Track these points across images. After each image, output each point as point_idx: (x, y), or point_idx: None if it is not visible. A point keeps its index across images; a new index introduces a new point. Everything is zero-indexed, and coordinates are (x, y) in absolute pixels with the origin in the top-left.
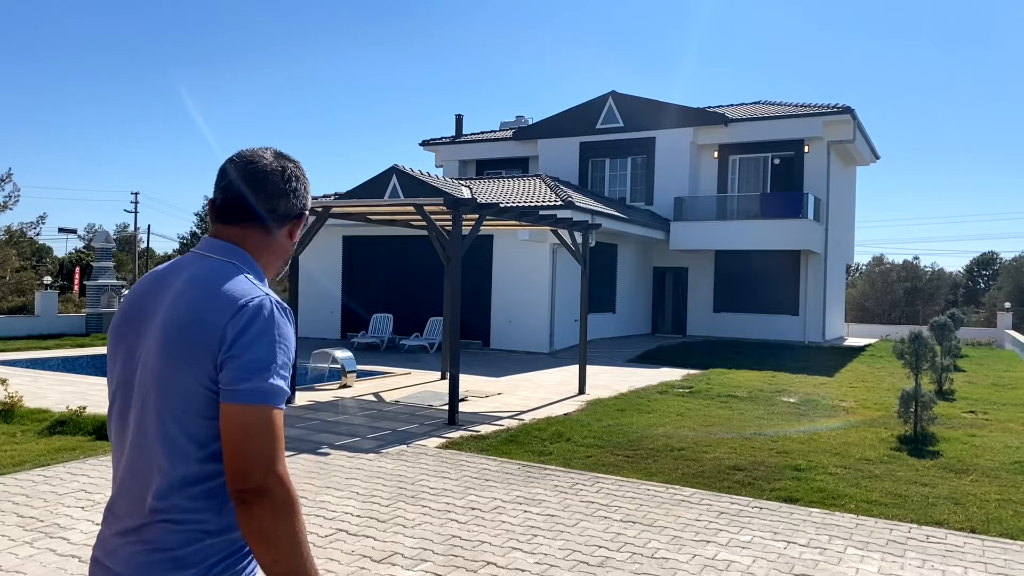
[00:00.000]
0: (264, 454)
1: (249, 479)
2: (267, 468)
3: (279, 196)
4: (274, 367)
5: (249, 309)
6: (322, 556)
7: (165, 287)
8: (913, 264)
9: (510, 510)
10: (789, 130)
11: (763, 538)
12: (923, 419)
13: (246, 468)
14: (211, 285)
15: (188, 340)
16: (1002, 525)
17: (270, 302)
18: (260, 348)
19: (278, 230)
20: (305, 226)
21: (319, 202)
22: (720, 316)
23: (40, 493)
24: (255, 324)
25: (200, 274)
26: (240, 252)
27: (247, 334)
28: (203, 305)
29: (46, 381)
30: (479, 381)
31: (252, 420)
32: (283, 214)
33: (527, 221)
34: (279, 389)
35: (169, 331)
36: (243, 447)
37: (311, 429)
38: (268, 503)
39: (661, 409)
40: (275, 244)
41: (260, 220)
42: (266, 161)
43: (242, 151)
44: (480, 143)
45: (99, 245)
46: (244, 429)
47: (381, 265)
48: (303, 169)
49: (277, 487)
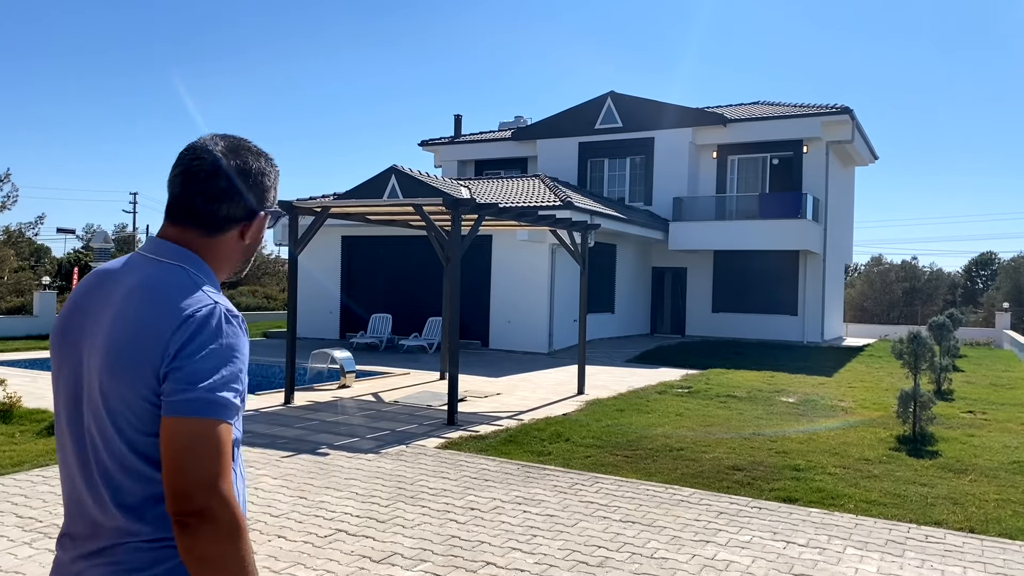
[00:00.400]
0: (206, 472)
1: (190, 500)
2: (210, 488)
3: (222, 198)
4: (219, 379)
5: (196, 319)
6: (321, 556)
7: (111, 292)
8: (912, 264)
9: (509, 510)
10: (788, 130)
11: (762, 538)
12: (922, 419)
13: (186, 487)
14: (159, 293)
15: (133, 353)
16: (1001, 525)
17: (219, 311)
18: (205, 359)
19: (222, 233)
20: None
21: (318, 202)
22: (719, 316)
23: (39, 493)
24: (201, 334)
25: (148, 280)
26: (189, 255)
27: (191, 345)
28: (150, 315)
29: (45, 381)
30: (478, 381)
31: (192, 434)
32: (227, 217)
33: (526, 221)
34: (225, 402)
35: (116, 344)
36: (183, 464)
37: (310, 429)
38: (211, 527)
39: (660, 409)
40: (222, 246)
41: (200, 222)
42: (211, 158)
43: (195, 142)
44: (479, 143)
45: (98, 245)
46: (184, 444)
47: (380, 265)
48: (265, 161)
49: (221, 509)
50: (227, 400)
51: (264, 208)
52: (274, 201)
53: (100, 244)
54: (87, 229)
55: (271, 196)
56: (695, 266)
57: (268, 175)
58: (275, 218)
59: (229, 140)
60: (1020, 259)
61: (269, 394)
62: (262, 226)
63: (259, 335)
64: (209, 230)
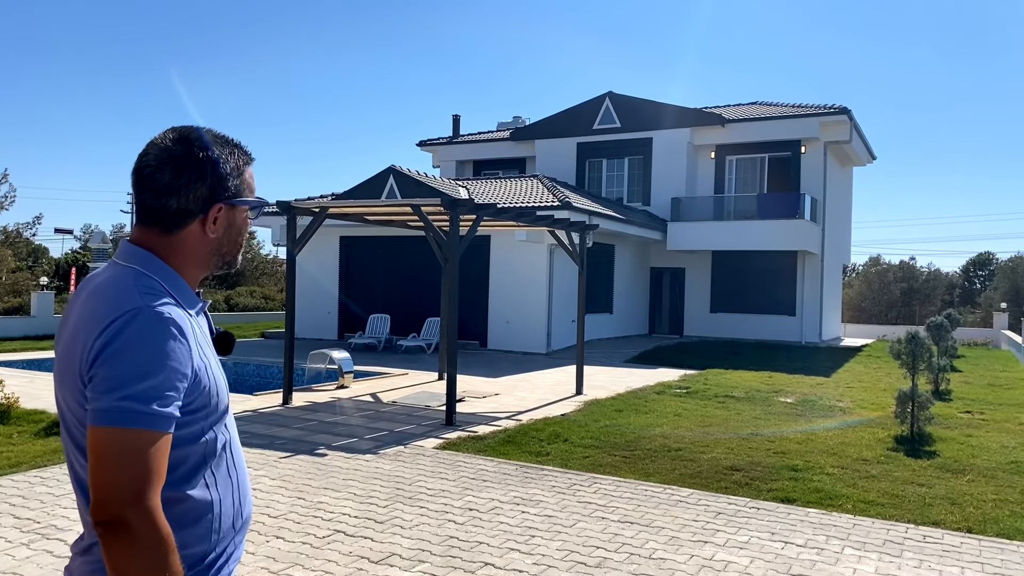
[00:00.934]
0: (122, 483)
1: (104, 510)
2: (125, 499)
3: (168, 192)
4: (141, 384)
5: (117, 323)
6: (320, 557)
7: (78, 299)
8: (910, 264)
9: (508, 511)
10: (786, 130)
11: (760, 538)
12: (920, 419)
13: (102, 498)
14: (96, 298)
15: (68, 360)
16: (999, 525)
17: (146, 313)
18: (121, 364)
19: (180, 228)
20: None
21: (316, 203)
22: (717, 316)
23: (37, 494)
24: (120, 338)
25: (99, 285)
26: (144, 255)
27: (109, 349)
28: (83, 321)
29: (42, 382)
30: (476, 382)
31: (106, 444)
32: (179, 211)
33: (524, 222)
34: (147, 411)
35: (61, 350)
36: (99, 474)
37: (308, 430)
38: (125, 539)
39: (658, 409)
40: (184, 244)
41: (155, 220)
42: (155, 152)
43: (149, 142)
44: (477, 143)
45: (95, 245)
46: (100, 454)
47: (378, 266)
48: (222, 148)
49: (138, 522)
50: (148, 410)
51: (223, 198)
52: (240, 190)
53: (98, 244)
54: (85, 229)
55: (232, 184)
56: (693, 266)
57: (224, 163)
58: (254, 209)
59: (180, 131)
60: (1018, 259)
61: (267, 395)
62: (230, 219)
63: (257, 335)
64: (165, 227)
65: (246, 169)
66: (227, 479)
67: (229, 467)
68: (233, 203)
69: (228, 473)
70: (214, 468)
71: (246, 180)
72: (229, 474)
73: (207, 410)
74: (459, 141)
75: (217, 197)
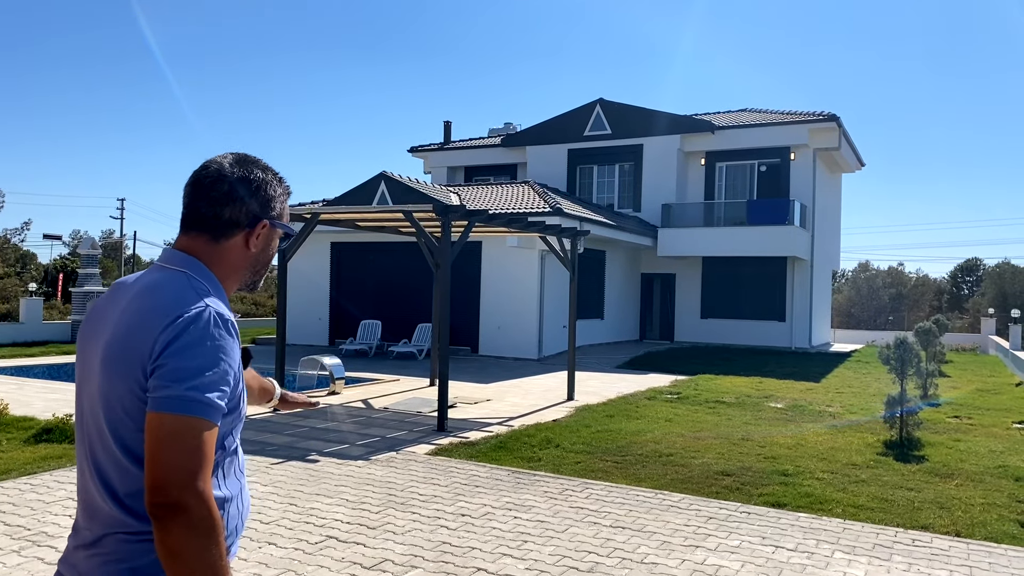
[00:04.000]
0: (182, 467)
1: (164, 493)
2: (184, 483)
3: (223, 203)
4: (202, 378)
5: (184, 319)
6: (312, 564)
7: (120, 299)
8: (898, 270)
9: (500, 516)
10: (775, 137)
11: (751, 543)
12: (908, 424)
13: (162, 481)
14: (155, 296)
15: (125, 350)
16: (987, 529)
17: (209, 313)
18: (188, 357)
19: (227, 238)
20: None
21: (307, 208)
22: (707, 322)
23: (27, 501)
24: (187, 334)
25: (149, 285)
26: (193, 262)
27: (176, 343)
28: (143, 316)
29: (32, 388)
30: (468, 387)
31: (171, 429)
32: (229, 221)
33: (516, 228)
34: (207, 401)
35: (111, 343)
36: (160, 458)
37: (300, 436)
38: (184, 521)
39: (649, 415)
40: (228, 254)
41: (206, 228)
42: (215, 167)
43: (209, 159)
44: (469, 150)
45: (85, 251)
46: (162, 438)
47: (369, 271)
48: (272, 175)
49: (196, 505)
50: (209, 400)
51: (268, 216)
52: (281, 215)
53: (87, 250)
54: (74, 235)
55: (276, 207)
56: (684, 272)
57: (272, 186)
58: (284, 232)
59: (238, 155)
60: (1005, 265)
61: None
62: (269, 237)
63: (248, 342)
64: (214, 235)
65: (285, 199)
66: (235, 481)
67: (236, 471)
68: (275, 224)
69: (236, 476)
70: (227, 469)
71: (285, 209)
72: (236, 477)
73: (237, 411)
74: (450, 147)
75: (264, 215)
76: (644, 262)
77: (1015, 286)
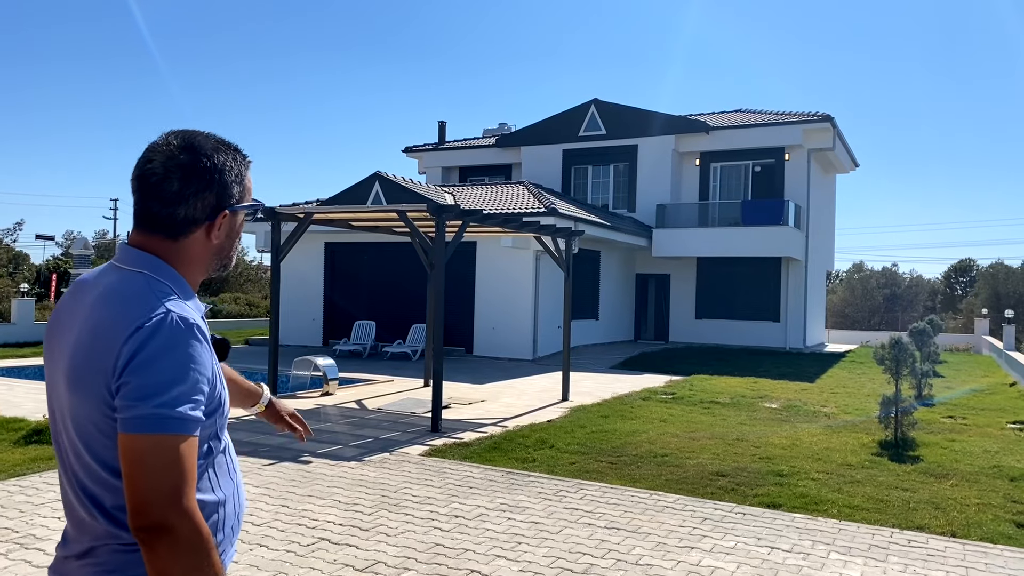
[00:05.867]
0: (161, 487)
1: (146, 515)
2: (166, 503)
3: (176, 202)
4: (171, 392)
5: (144, 330)
6: (304, 566)
7: (81, 302)
8: (892, 271)
9: (494, 518)
10: (770, 138)
11: (747, 544)
12: (903, 424)
13: (142, 504)
14: (112, 305)
15: (87, 371)
16: (982, 529)
17: (171, 319)
18: (154, 372)
19: (186, 236)
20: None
21: (301, 208)
22: (702, 323)
23: (16, 503)
24: (149, 346)
25: (108, 290)
26: (152, 260)
27: (139, 357)
28: (102, 329)
29: (22, 390)
30: (462, 388)
31: (145, 450)
32: (186, 219)
33: (510, 228)
34: (179, 416)
35: (74, 356)
36: (138, 481)
37: (292, 437)
38: (170, 541)
39: (644, 415)
40: (189, 249)
41: (161, 228)
42: (161, 159)
43: (156, 140)
44: (463, 150)
45: (77, 252)
46: (136, 461)
47: (363, 272)
48: (225, 153)
49: (181, 524)
50: (182, 414)
51: (228, 205)
52: (242, 195)
53: (80, 251)
54: (67, 236)
55: (235, 191)
56: (678, 273)
57: (228, 170)
58: (250, 212)
59: (184, 136)
60: (998, 266)
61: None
62: (232, 224)
63: (241, 342)
64: (170, 234)
65: (246, 173)
66: (229, 481)
67: (229, 469)
68: (235, 210)
69: (229, 475)
70: (218, 470)
71: (247, 185)
72: (230, 476)
73: (218, 412)
74: (445, 147)
75: (223, 205)
76: (639, 262)
77: (1008, 287)
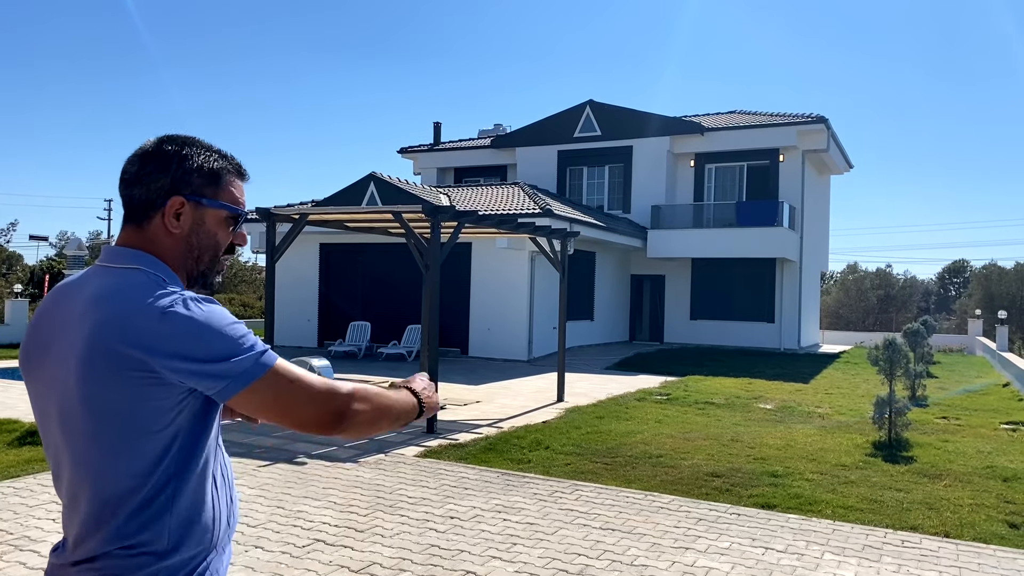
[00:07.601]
0: (312, 404)
1: (326, 428)
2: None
3: (133, 183)
4: (240, 338)
5: (172, 314)
6: (299, 567)
7: (67, 308)
8: (886, 272)
9: (489, 519)
10: (764, 139)
11: (741, 544)
12: (897, 425)
13: (312, 424)
14: (119, 297)
15: (113, 361)
16: (975, 530)
17: (191, 297)
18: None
19: (148, 222)
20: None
21: (296, 209)
22: (697, 323)
23: (10, 505)
24: (185, 323)
25: (107, 289)
26: (138, 255)
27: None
28: (123, 320)
29: (16, 391)
30: (458, 389)
31: (268, 393)
32: (141, 201)
33: (506, 229)
34: (259, 354)
35: (91, 355)
36: (289, 415)
37: (287, 438)
38: (351, 424)
39: (639, 416)
40: (156, 240)
41: (128, 216)
42: (135, 152)
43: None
44: (458, 151)
45: (71, 253)
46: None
47: (359, 273)
48: (198, 149)
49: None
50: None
51: (185, 193)
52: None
53: (74, 251)
54: (60, 236)
55: (196, 181)
56: (673, 274)
57: (191, 160)
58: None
59: (162, 135)
60: (992, 267)
61: None
62: (195, 218)
63: None
64: (135, 220)
65: (226, 176)
66: (223, 478)
67: (222, 465)
68: (190, 199)
69: (223, 472)
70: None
71: (224, 187)
72: (223, 473)
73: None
74: (440, 148)
75: (178, 191)
76: (634, 263)
77: (1002, 288)
